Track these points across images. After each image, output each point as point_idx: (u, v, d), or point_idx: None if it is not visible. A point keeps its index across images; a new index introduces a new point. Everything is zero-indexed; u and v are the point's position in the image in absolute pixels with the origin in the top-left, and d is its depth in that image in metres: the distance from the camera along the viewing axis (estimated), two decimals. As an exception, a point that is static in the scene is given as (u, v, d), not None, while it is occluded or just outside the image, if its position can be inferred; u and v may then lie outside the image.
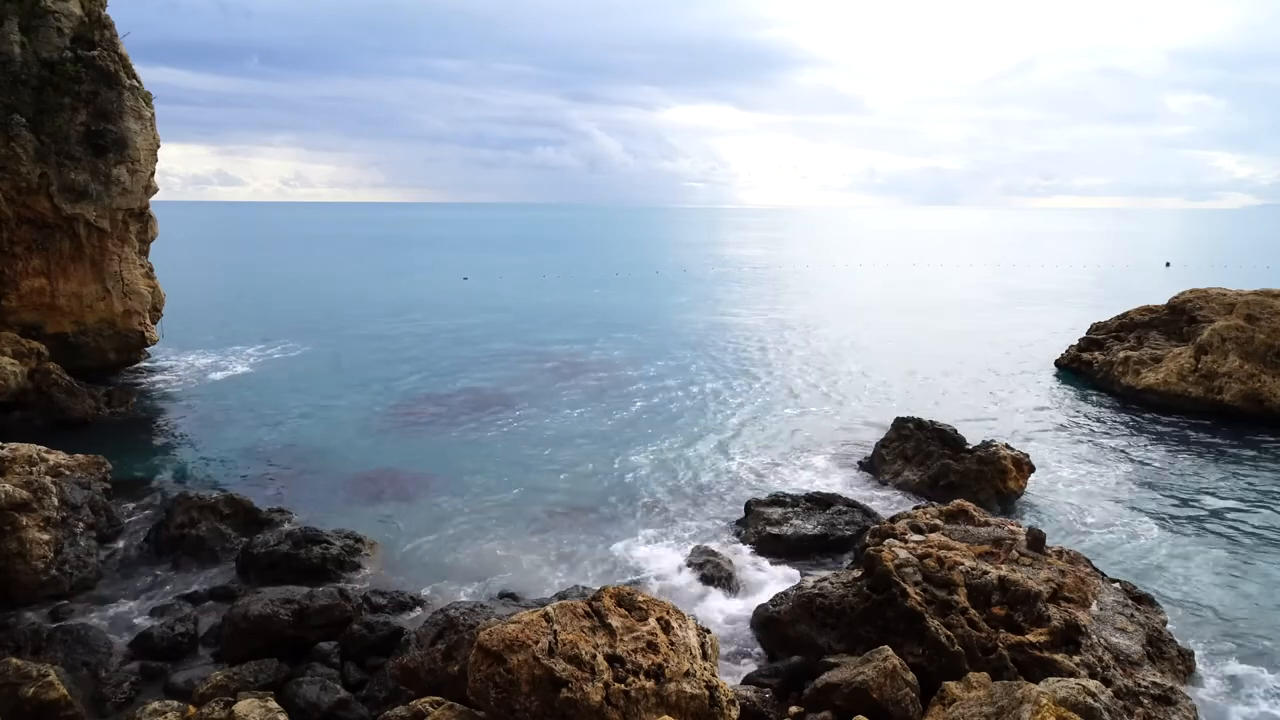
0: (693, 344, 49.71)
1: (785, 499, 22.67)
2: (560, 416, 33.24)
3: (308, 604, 16.22)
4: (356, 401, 35.42)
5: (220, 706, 12.83)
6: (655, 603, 12.87)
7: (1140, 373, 36.22)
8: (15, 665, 13.56)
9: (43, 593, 17.61)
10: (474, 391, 37.51)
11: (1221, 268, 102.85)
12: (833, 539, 20.65)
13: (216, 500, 21.49)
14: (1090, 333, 42.87)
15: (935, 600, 14.86)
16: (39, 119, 32.55)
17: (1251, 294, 36.52)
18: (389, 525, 22.40)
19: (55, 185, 33.04)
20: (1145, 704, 13.42)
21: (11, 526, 17.83)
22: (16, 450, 19.82)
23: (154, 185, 37.44)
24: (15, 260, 33.71)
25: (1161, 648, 15.27)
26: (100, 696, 14.44)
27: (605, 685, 11.18)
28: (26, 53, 32.62)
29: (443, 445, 29.48)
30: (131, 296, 36.76)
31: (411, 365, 42.86)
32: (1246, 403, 32.44)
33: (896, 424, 27.47)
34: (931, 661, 14.08)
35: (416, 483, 25.60)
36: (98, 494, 21.27)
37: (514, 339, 51.14)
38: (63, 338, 35.02)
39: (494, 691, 11.22)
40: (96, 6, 35.19)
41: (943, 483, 24.24)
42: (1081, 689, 11.23)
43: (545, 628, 11.66)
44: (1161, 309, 40.81)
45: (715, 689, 11.93)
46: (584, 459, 27.98)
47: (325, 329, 53.89)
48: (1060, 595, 15.29)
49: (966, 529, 17.77)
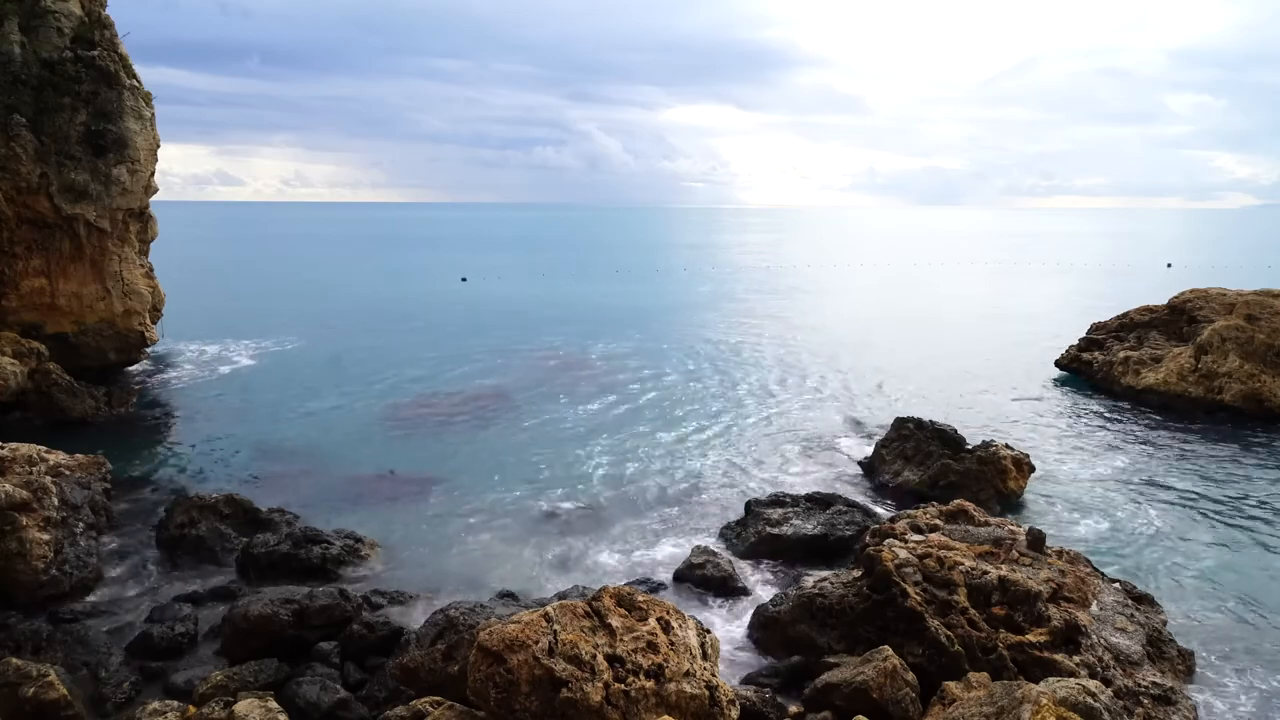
0: (693, 344, 49.72)
1: (785, 499, 22.67)
2: (560, 416, 33.24)
3: (308, 604, 16.21)
4: (356, 402, 35.43)
5: (220, 706, 12.82)
6: (655, 603, 12.87)
7: (1140, 373, 36.22)
8: (15, 665, 13.55)
9: (43, 593, 17.60)
10: (474, 391, 37.51)
11: (1222, 268, 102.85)
12: (833, 539, 20.64)
13: (216, 500, 21.48)
14: (1090, 333, 42.85)
15: (935, 600, 14.86)
16: (39, 119, 32.55)
17: (1251, 294, 36.52)
18: (389, 525, 22.39)
19: (55, 185, 33.04)
20: (1145, 704, 13.42)
21: (11, 526, 17.81)
22: (16, 450, 19.81)
23: (154, 185, 37.45)
24: (15, 260, 33.71)
25: (1161, 648, 15.27)
26: (100, 696, 14.43)
27: (605, 685, 11.18)
28: (26, 53, 32.63)
29: (443, 445, 29.48)
30: (131, 296, 36.76)
31: (411, 366, 42.86)
32: (1246, 403, 32.45)
33: (896, 424, 27.46)
34: (931, 661, 14.08)
35: (416, 483, 25.60)
36: (98, 494, 21.25)
37: (513, 339, 51.14)
38: (63, 338, 35.01)
39: (494, 691, 11.22)
40: (96, 6, 35.19)
41: (943, 483, 24.23)
42: (1081, 689, 11.22)
43: (545, 628, 11.66)
44: (1161, 309, 40.80)
45: (715, 689, 11.93)
46: (584, 459, 27.99)
47: (325, 329, 53.90)
48: (1060, 595, 15.29)
49: (966, 529, 17.77)
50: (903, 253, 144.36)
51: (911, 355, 46.43)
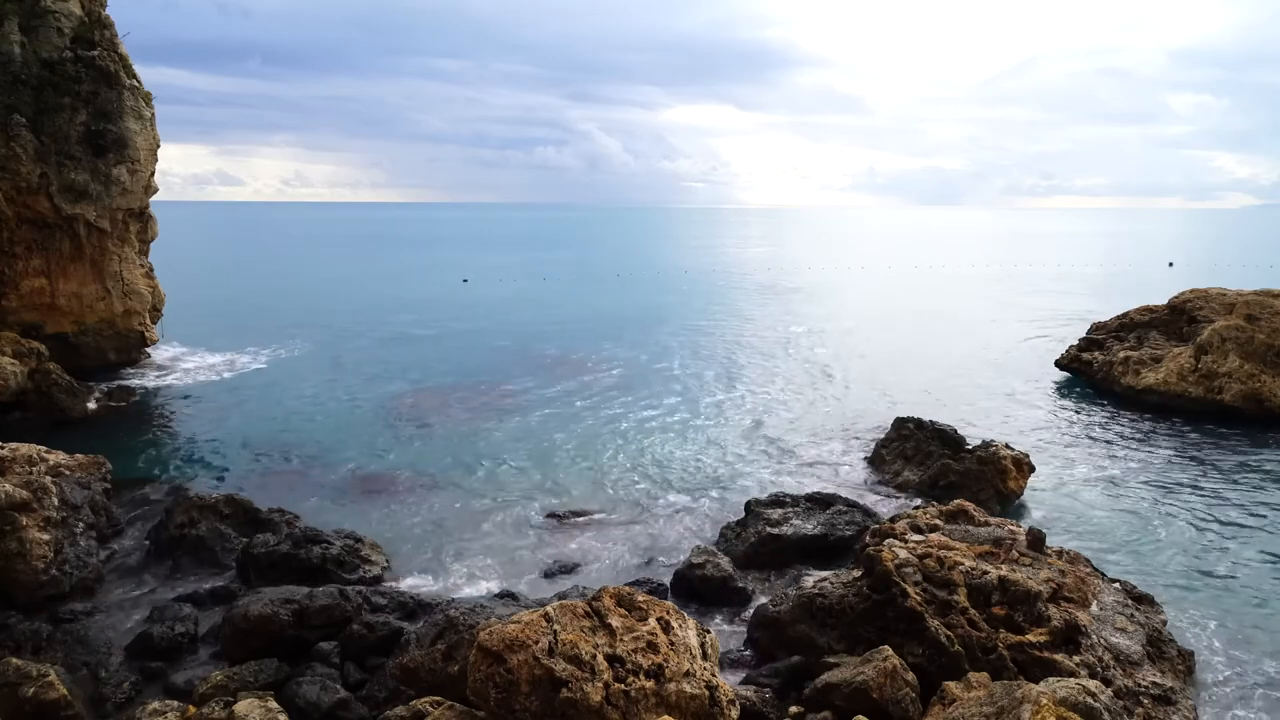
0: (692, 344, 49.73)
1: (785, 499, 22.66)
2: (560, 417, 33.24)
3: (308, 604, 16.21)
4: (356, 401, 35.44)
5: (220, 706, 12.82)
6: (655, 602, 12.86)
7: (1140, 373, 36.20)
8: (15, 665, 13.55)
9: (43, 593, 17.59)
10: (473, 391, 37.52)
11: (1222, 268, 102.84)
12: (833, 539, 20.63)
13: (216, 500, 21.49)
14: (1090, 333, 42.83)
15: (935, 600, 14.86)
16: (39, 119, 32.56)
17: (1251, 294, 36.52)
18: (389, 525, 22.41)
19: (55, 185, 33.06)
20: (1145, 704, 13.42)
21: (11, 526, 17.81)
22: (16, 450, 19.81)
23: (154, 185, 37.46)
24: (15, 260, 33.73)
25: (1161, 648, 15.26)
26: (100, 696, 14.44)
27: (605, 685, 11.17)
28: (26, 53, 32.63)
29: (443, 445, 29.47)
30: (131, 296, 36.77)
31: (411, 365, 42.87)
32: (1246, 403, 32.44)
33: (896, 424, 27.46)
34: (931, 661, 14.07)
35: (417, 483, 25.61)
36: (98, 494, 21.25)
37: (513, 339, 51.16)
38: (63, 338, 35.04)
39: (494, 691, 11.22)
40: (96, 6, 35.21)
41: (943, 483, 24.23)
42: (1081, 689, 11.22)
43: (545, 628, 11.66)
44: (1161, 309, 40.79)
45: (715, 689, 11.93)
46: (584, 459, 28.00)
47: (325, 329, 53.91)
48: (1060, 595, 15.28)
49: (966, 529, 17.77)
50: (903, 253, 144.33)
51: (911, 355, 46.43)
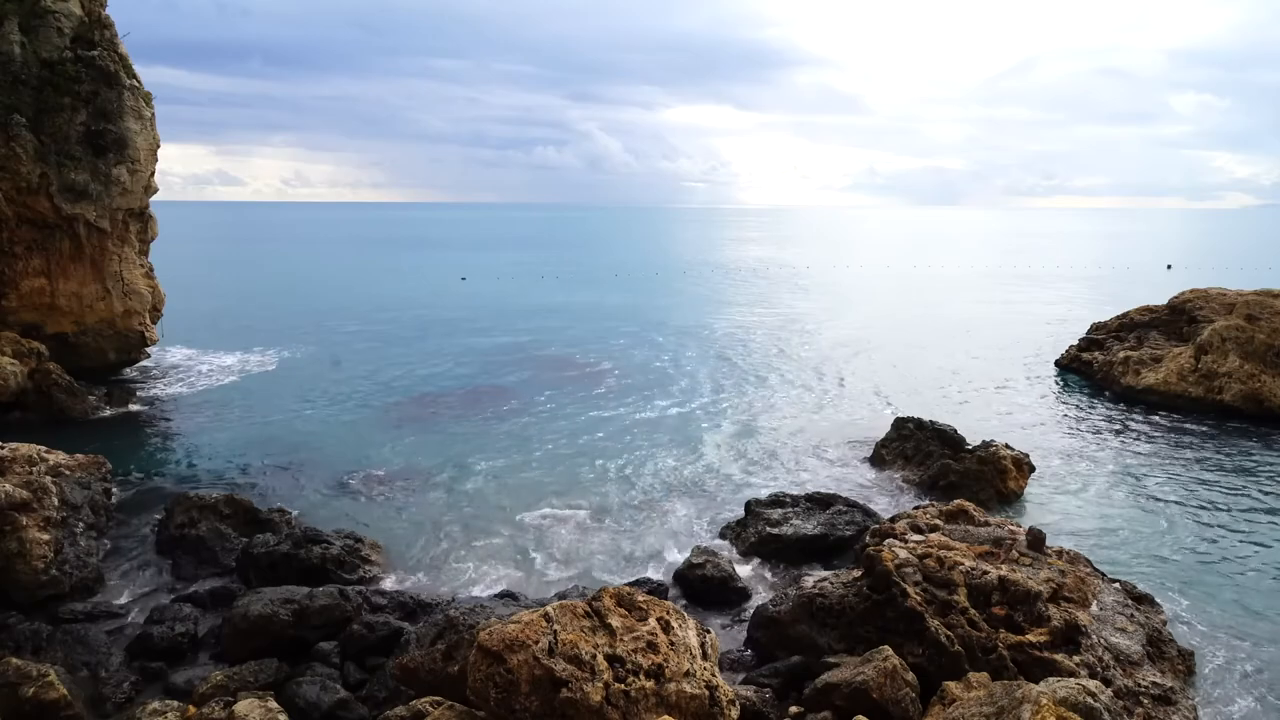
0: (693, 344, 49.73)
1: (785, 499, 22.67)
2: (560, 417, 33.23)
3: (308, 604, 16.22)
4: (356, 401, 35.44)
5: (220, 706, 12.82)
6: (655, 603, 12.86)
7: (1140, 373, 36.21)
8: (15, 665, 13.55)
9: (43, 593, 17.60)
10: (473, 392, 37.52)
11: (1222, 268, 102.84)
12: (833, 539, 20.64)
13: (216, 500, 21.49)
14: (1090, 333, 42.87)
15: (935, 600, 14.86)
16: (39, 119, 32.54)
17: (1251, 294, 36.52)
18: (389, 525, 22.41)
19: (55, 185, 33.03)
20: (1145, 704, 13.41)
21: (11, 526, 17.81)
22: (16, 450, 19.82)
23: (154, 185, 37.43)
24: (15, 260, 33.70)
25: (1161, 648, 15.26)
26: (100, 696, 14.44)
27: (605, 685, 11.17)
28: (26, 53, 32.62)
29: (443, 445, 29.47)
30: (131, 296, 36.75)
31: (410, 366, 42.87)
32: (1246, 403, 32.44)
33: (896, 424, 27.47)
34: (931, 661, 14.07)
35: (416, 483, 25.61)
36: (98, 494, 21.26)
37: (513, 339, 51.16)
38: (63, 338, 35.01)
39: (494, 691, 11.22)
40: (96, 6, 35.18)
41: (943, 483, 24.24)
42: (1081, 689, 11.21)
43: (545, 628, 11.65)
44: (1161, 309, 40.81)
45: (715, 689, 11.92)
46: (584, 459, 27.99)
47: (325, 329, 53.91)
48: (1060, 595, 15.28)
49: (966, 529, 17.76)
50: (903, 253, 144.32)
51: (911, 355, 46.42)
